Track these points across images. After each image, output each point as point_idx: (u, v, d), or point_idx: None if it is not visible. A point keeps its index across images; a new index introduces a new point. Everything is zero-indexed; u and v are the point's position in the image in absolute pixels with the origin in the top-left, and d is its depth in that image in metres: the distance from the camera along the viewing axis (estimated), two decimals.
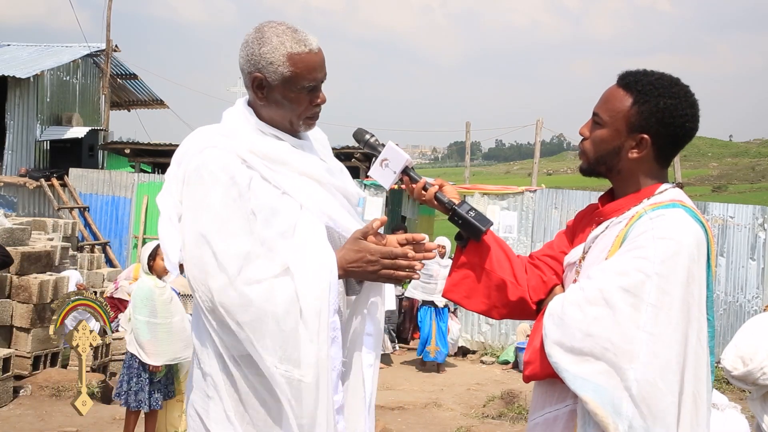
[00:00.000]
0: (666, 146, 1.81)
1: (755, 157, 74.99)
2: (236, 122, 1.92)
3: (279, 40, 1.84)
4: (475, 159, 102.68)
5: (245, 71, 1.89)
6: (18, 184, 12.64)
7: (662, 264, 1.64)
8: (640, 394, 1.60)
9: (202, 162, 1.81)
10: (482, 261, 1.95)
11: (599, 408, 1.62)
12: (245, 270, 1.73)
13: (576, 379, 1.66)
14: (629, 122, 1.79)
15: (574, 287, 1.77)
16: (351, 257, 1.83)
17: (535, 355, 1.77)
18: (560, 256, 1.99)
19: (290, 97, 1.86)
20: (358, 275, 1.87)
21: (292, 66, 1.83)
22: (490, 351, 10.13)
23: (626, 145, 1.80)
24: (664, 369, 1.61)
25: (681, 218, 1.71)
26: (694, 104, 1.81)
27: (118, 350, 7.71)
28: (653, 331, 1.62)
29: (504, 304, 1.95)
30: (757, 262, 9.83)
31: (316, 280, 1.76)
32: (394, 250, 1.84)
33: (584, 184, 16.35)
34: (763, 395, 3.78)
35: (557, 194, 10.48)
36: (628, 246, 1.70)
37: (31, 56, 14.85)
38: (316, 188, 1.90)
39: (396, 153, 1.93)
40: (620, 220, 1.80)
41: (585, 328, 1.66)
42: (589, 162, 1.88)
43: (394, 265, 1.84)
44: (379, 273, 1.84)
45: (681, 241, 1.67)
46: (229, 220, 1.75)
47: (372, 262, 1.83)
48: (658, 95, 1.78)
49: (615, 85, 1.84)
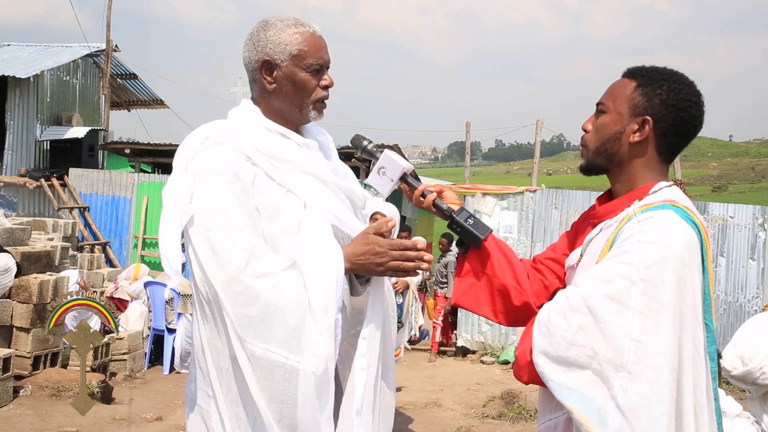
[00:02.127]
0: (669, 132, 1.75)
1: (755, 157, 74.96)
2: (242, 120, 1.92)
3: (283, 23, 1.90)
4: (475, 159, 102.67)
5: (252, 60, 1.91)
6: (18, 184, 12.64)
7: (648, 269, 1.58)
8: (628, 403, 1.54)
9: (206, 159, 1.81)
10: (483, 267, 1.93)
11: (584, 418, 1.57)
12: (251, 264, 1.72)
13: (562, 389, 1.61)
14: (632, 104, 1.76)
15: (560, 295, 1.73)
16: (359, 250, 1.83)
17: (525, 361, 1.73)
18: (562, 258, 1.96)
19: (299, 77, 1.88)
20: (365, 269, 1.84)
21: (299, 44, 1.88)
22: (490, 351, 10.12)
23: (628, 129, 1.76)
24: (655, 378, 1.55)
25: (670, 220, 1.64)
26: (699, 94, 1.78)
27: (118, 350, 7.72)
28: (641, 339, 1.56)
29: (509, 309, 1.92)
30: (757, 262, 9.83)
31: (324, 275, 1.76)
32: (404, 241, 1.84)
33: (584, 184, 16.31)
34: (762, 395, 3.78)
35: (557, 194, 10.46)
36: (615, 251, 1.65)
37: (31, 56, 14.85)
38: (320, 187, 1.90)
39: (393, 161, 1.92)
40: (612, 222, 1.75)
41: (570, 337, 1.62)
42: (589, 154, 1.83)
43: (403, 257, 1.83)
44: (387, 265, 1.82)
45: (669, 245, 1.60)
46: (233, 216, 1.76)
47: (380, 254, 1.82)
48: (662, 79, 1.76)
49: (620, 78, 1.83)
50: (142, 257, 11.86)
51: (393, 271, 1.84)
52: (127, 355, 7.78)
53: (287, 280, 1.74)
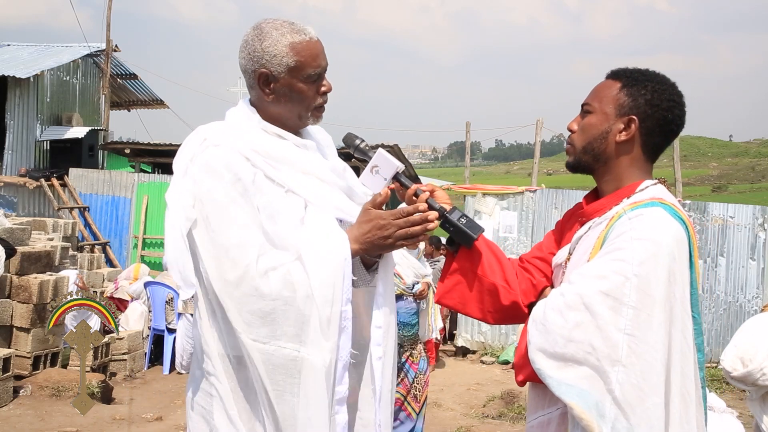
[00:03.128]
0: (654, 132, 1.81)
1: (755, 157, 74.98)
2: (239, 121, 1.92)
3: (279, 32, 1.86)
4: (475, 159, 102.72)
5: (249, 70, 1.89)
6: (18, 184, 12.65)
7: (641, 265, 1.63)
8: (623, 395, 1.59)
9: (205, 160, 1.81)
10: (474, 267, 1.94)
11: (584, 413, 1.61)
12: (260, 261, 1.73)
13: (560, 385, 1.65)
14: (618, 104, 1.81)
15: (555, 292, 1.76)
16: (363, 229, 1.82)
17: (523, 360, 1.76)
18: (549, 257, 1.99)
19: (297, 87, 1.87)
20: (375, 246, 1.83)
21: (296, 55, 1.85)
22: (490, 351, 10.13)
23: (614, 128, 1.81)
24: (647, 370, 1.60)
25: (660, 217, 1.69)
26: (680, 95, 1.84)
27: (118, 350, 7.73)
28: (634, 333, 1.61)
29: (497, 309, 1.94)
30: (757, 262, 9.84)
31: (329, 267, 1.76)
32: (404, 207, 1.83)
33: (584, 184, 16.31)
34: (762, 396, 3.78)
35: (557, 194, 10.47)
36: (607, 248, 1.70)
37: (31, 56, 14.86)
38: (321, 185, 1.90)
39: (386, 160, 1.92)
40: (601, 220, 1.80)
41: (567, 333, 1.66)
42: (576, 153, 1.88)
43: (408, 223, 1.80)
44: (395, 235, 1.80)
45: (660, 242, 1.65)
46: (237, 215, 1.76)
47: (384, 226, 1.80)
48: (646, 80, 1.82)
49: (604, 79, 1.88)
50: (142, 257, 11.87)
51: (402, 239, 1.82)
52: (127, 355, 7.79)
53: (295, 274, 1.74)
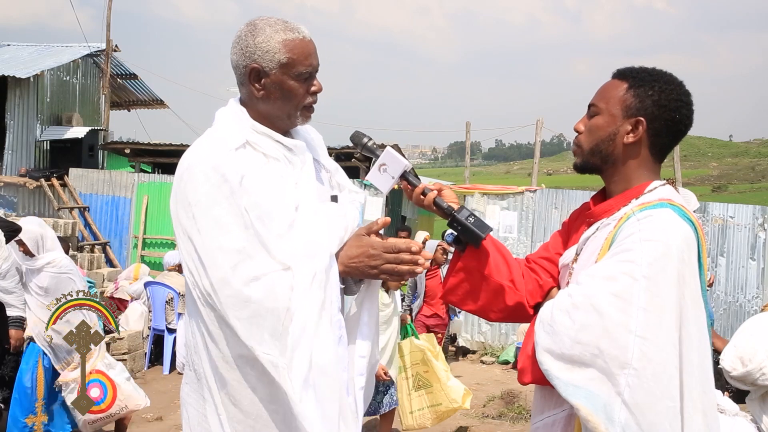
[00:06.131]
0: (661, 133, 1.79)
1: (755, 157, 74.97)
2: (229, 121, 1.92)
3: (272, 29, 1.86)
4: (475, 159, 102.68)
5: (240, 66, 1.89)
6: (18, 184, 12.64)
7: (650, 267, 1.61)
8: (633, 399, 1.56)
9: (192, 161, 1.81)
10: (481, 266, 1.93)
11: (591, 415, 1.59)
12: (242, 266, 1.71)
13: (567, 387, 1.63)
14: (625, 105, 1.79)
15: (563, 293, 1.75)
16: (352, 253, 1.82)
17: (529, 361, 1.75)
18: (555, 257, 1.98)
19: (288, 85, 1.87)
20: (359, 272, 1.84)
21: (288, 52, 1.85)
22: (490, 351, 10.13)
23: (621, 130, 1.79)
24: (659, 372, 1.57)
25: (669, 219, 1.68)
26: (688, 94, 1.81)
27: (118, 350, 7.72)
28: (645, 335, 1.58)
29: (501, 308, 1.94)
30: (757, 262, 9.84)
31: (316, 277, 1.75)
32: (398, 242, 1.82)
33: (584, 184, 16.29)
34: (762, 395, 3.77)
35: (557, 194, 10.47)
36: (616, 249, 1.68)
37: (31, 56, 14.85)
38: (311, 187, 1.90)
39: (394, 158, 1.92)
40: (610, 221, 1.78)
41: (574, 335, 1.64)
42: (583, 154, 1.86)
43: (397, 259, 1.81)
44: (381, 268, 1.81)
45: (669, 243, 1.63)
46: (221, 217, 1.75)
47: (374, 256, 1.81)
48: (653, 80, 1.80)
49: (610, 79, 1.86)
50: (142, 257, 11.86)
51: (387, 274, 1.84)
52: (127, 355, 7.78)
53: (279, 283, 1.73)
